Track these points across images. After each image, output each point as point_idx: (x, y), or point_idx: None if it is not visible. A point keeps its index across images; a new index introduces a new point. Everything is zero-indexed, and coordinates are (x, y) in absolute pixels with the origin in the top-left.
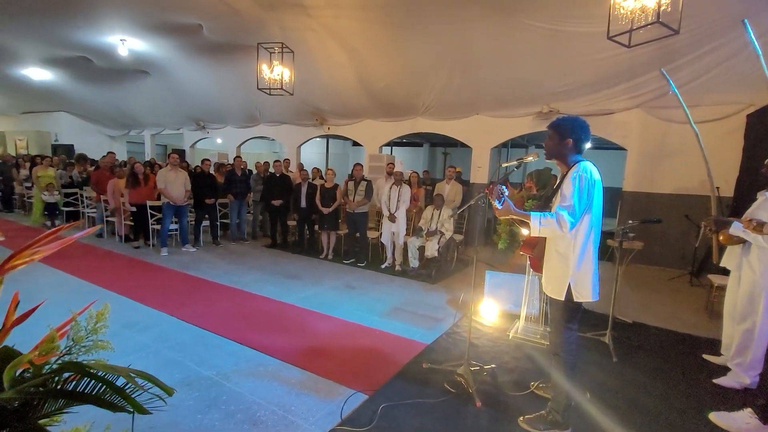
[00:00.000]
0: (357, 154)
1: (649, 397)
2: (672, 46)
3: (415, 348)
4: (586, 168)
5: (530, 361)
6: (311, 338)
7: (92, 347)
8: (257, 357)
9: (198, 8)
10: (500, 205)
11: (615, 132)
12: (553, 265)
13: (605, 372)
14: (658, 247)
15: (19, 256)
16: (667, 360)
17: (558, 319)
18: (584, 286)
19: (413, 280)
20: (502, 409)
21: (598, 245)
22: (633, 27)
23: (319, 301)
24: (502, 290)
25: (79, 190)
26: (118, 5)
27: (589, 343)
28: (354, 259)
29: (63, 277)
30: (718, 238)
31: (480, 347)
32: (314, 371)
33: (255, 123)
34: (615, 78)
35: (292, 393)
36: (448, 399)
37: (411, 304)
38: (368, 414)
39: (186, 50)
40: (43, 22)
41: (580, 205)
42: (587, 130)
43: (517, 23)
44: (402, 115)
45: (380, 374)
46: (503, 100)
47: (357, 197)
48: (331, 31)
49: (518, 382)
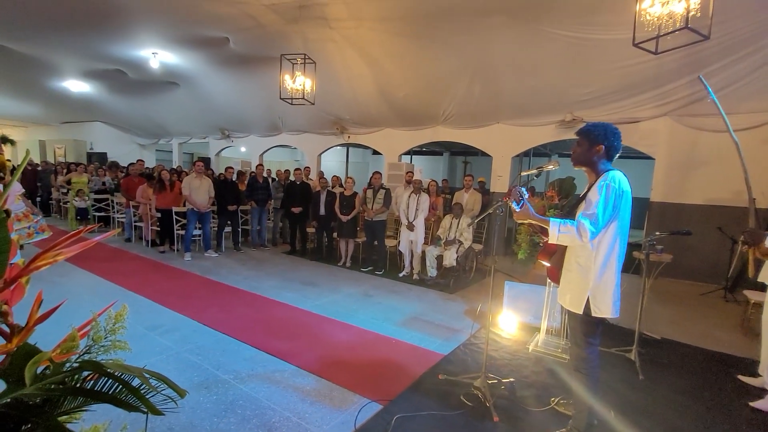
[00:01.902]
0: (376, 162)
1: (679, 417)
2: (702, 52)
3: (431, 358)
4: (614, 177)
5: (551, 375)
6: (327, 345)
7: (110, 347)
8: (274, 362)
9: (225, 22)
10: (519, 208)
11: (642, 141)
12: (573, 276)
13: (631, 390)
14: (689, 260)
15: (43, 257)
16: (699, 379)
17: (578, 333)
18: (604, 301)
19: (431, 290)
20: (521, 425)
21: (623, 259)
22: (660, 33)
23: (335, 309)
24: (522, 302)
25: (110, 195)
26: (152, 20)
27: (613, 359)
28: (372, 267)
29: (92, 279)
30: (754, 252)
31: (498, 360)
32: (329, 379)
33: (277, 132)
34: (642, 85)
35: (306, 400)
36: (464, 412)
37: (428, 313)
38: (382, 425)
39: (213, 62)
40: (82, 38)
41: (604, 216)
42: (619, 137)
43: (540, 32)
44: (422, 123)
45: (395, 384)
46: (525, 108)
47: (375, 205)
48: (352, 42)
49: (538, 397)
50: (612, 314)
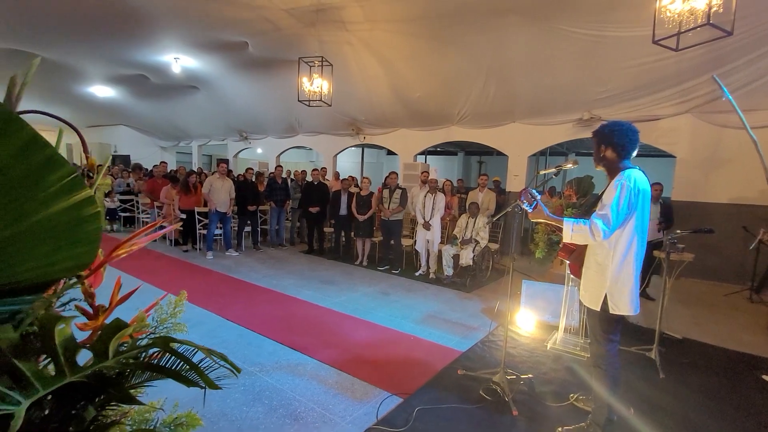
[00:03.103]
0: (391, 162)
1: (701, 416)
2: (723, 49)
3: (450, 355)
4: (630, 176)
5: (570, 373)
6: (347, 341)
7: (172, 329)
8: (296, 356)
9: (245, 26)
10: (531, 209)
11: (662, 138)
12: (591, 273)
13: (651, 388)
14: (712, 260)
15: (121, 246)
16: (722, 379)
17: (597, 330)
18: (622, 299)
19: (447, 288)
20: (540, 420)
21: (642, 258)
22: (681, 30)
23: (354, 307)
24: (540, 300)
25: (134, 196)
26: (174, 26)
27: (633, 357)
28: (388, 266)
29: (120, 275)
30: None
31: (516, 357)
32: (350, 373)
33: (294, 133)
34: (661, 83)
35: (329, 392)
36: (483, 406)
37: (445, 311)
38: (403, 416)
39: (232, 66)
40: (108, 44)
41: (618, 216)
42: (635, 135)
43: (555, 30)
44: (436, 124)
45: (415, 379)
46: (540, 107)
47: (392, 205)
48: (367, 44)
49: (557, 393)
50: (631, 312)
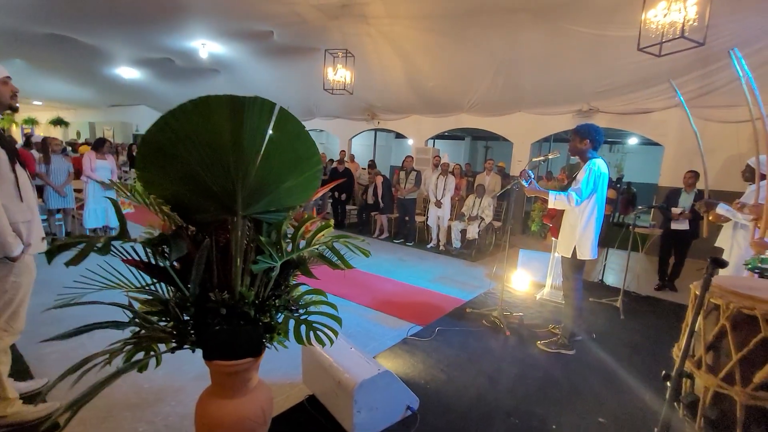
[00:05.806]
0: (399, 146)
1: (650, 343)
2: (710, 50)
3: (459, 301)
4: (595, 163)
5: (551, 313)
6: (377, 292)
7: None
8: (341, 301)
9: (272, 17)
10: (527, 184)
11: (653, 130)
12: (565, 232)
13: (612, 325)
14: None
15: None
16: (672, 321)
17: (568, 270)
18: (585, 248)
19: (455, 258)
20: (525, 338)
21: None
22: (663, 40)
23: (377, 269)
24: (533, 264)
25: None
26: (204, 15)
27: (601, 307)
28: (403, 239)
29: None
30: (708, 217)
31: (511, 303)
32: (383, 311)
33: (311, 117)
34: (654, 79)
35: (370, 322)
36: (485, 329)
37: (454, 275)
38: (428, 333)
39: (255, 52)
40: (140, 30)
41: (586, 189)
42: (601, 133)
43: (562, 29)
44: (447, 111)
45: (433, 316)
46: (545, 99)
47: (408, 185)
48: (387, 37)
49: (539, 324)
50: (591, 256)
